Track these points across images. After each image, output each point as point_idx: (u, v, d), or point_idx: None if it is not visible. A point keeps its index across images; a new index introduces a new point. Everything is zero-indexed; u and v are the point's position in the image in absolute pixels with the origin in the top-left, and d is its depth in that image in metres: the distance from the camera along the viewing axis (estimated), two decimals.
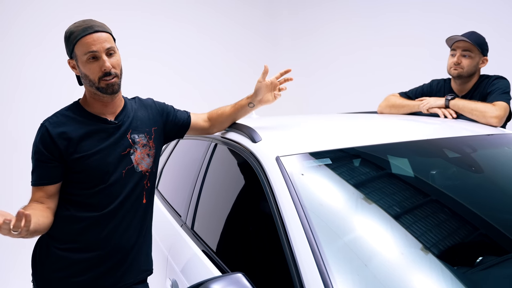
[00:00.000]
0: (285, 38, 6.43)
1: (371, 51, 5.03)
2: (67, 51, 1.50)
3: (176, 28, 5.29)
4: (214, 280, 1.12)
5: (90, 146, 1.48)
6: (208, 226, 1.75)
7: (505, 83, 2.17)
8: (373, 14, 4.98)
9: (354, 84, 5.22)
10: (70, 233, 1.48)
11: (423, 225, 1.30)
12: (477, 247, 1.33)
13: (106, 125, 1.53)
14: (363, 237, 1.22)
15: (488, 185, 1.64)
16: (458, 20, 3.90)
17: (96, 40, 1.44)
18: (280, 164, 1.36)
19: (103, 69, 1.45)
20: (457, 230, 1.37)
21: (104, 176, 1.49)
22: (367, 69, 5.05)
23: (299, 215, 1.17)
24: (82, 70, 1.48)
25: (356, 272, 1.07)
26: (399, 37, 4.64)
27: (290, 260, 1.10)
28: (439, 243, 1.26)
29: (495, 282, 1.20)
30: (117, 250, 1.54)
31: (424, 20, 4.37)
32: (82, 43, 1.44)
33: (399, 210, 1.32)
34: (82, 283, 1.48)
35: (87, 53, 1.44)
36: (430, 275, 1.14)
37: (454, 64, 2.28)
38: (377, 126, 1.94)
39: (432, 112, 2.23)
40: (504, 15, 3.53)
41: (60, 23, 4.75)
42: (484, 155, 1.78)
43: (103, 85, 1.47)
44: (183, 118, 1.76)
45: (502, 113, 2.01)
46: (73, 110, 1.52)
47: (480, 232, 1.40)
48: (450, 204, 1.45)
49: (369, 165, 1.51)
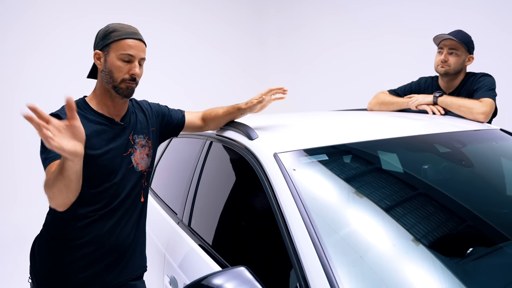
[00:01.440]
0: (272, 37, 6.46)
1: (357, 47, 5.11)
2: (99, 43, 1.53)
3: (162, 27, 5.28)
4: (217, 274, 1.15)
5: (99, 145, 1.50)
6: (206, 222, 1.78)
7: (490, 81, 2.24)
8: (360, 7, 5.02)
9: (340, 79, 5.29)
10: (71, 230, 1.49)
11: (416, 217, 1.35)
12: (467, 239, 1.38)
13: (113, 126, 1.56)
14: (360, 228, 1.26)
15: (477, 179, 1.70)
16: (446, 14, 3.97)
17: (137, 46, 1.52)
18: (278, 160, 1.39)
19: (131, 73, 1.51)
20: (447, 222, 1.42)
21: (109, 176, 1.52)
22: (353, 64, 5.13)
23: (299, 209, 1.21)
24: (108, 65, 1.51)
25: (355, 263, 1.11)
26: (386, 33, 4.71)
27: (292, 253, 1.13)
28: (432, 234, 1.31)
29: (485, 271, 1.26)
30: (116, 247, 1.57)
31: (411, 15, 4.44)
32: (124, 43, 1.50)
33: (394, 203, 1.37)
34: (82, 279, 1.49)
35: (124, 54, 1.50)
36: (424, 265, 1.19)
37: (441, 62, 2.34)
38: (371, 122, 1.99)
39: (420, 108, 2.29)
40: (497, 10, 3.61)
41: (49, 25, 4.75)
42: (472, 150, 1.84)
43: (123, 86, 1.52)
44: (177, 118, 1.80)
45: (489, 109, 2.08)
46: (80, 107, 1.53)
47: (470, 224, 1.46)
48: (442, 198, 1.51)
49: (364, 160, 1.56)
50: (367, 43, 4.89)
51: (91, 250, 1.52)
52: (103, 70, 1.53)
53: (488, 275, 1.25)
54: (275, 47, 6.38)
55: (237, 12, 6.27)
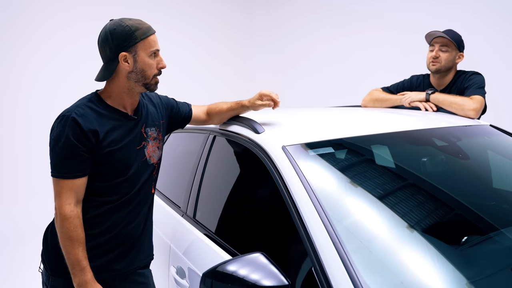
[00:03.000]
0: (259, 35, 6.48)
1: (341, 45, 5.19)
2: (122, 44, 1.49)
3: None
4: (232, 261, 1.20)
5: (115, 140, 1.52)
6: (213, 213, 1.83)
7: (480, 79, 2.34)
8: (345, 5, 5.11)
9: (325, 77, 5.38)
10: (86, 221, 1.52)
11: (413, 207, 1.43)
12: (463, 228, 1.47)
13: (128, 120, 1.58)
14: (367, 215, 1.34)
15: (471, 172, 1.79)
16: (432, 8, 4.08)
17: (156, 40, 1.56)
18: (287, 152, 1.45)
19: (160, 66, 1.56)
20: (439, 210, 1.51)
21: (125, 170, 1.55)
22: (337, 62, 5.21)
23: (310, 198, 1.27)
24: (140, 65, 1.51)
25: (366, 246, 1.18)
26: (371, 30, 4.81)
27: (305, 238, 1.19)
28: (428, 219, 1.40)
29: (481, 256, 1.34)
30: (129, 237, 1.61)
31: (397, 12, 4.55)
32: (149, 41, 1.52)
33: (395, 191, 1.45)
34: (95, 268, 1.53)
35: (153, 50, 1.53)
36: (426, 248, 1.27)
37: (432, 58, 2.43)
38: (372, 117, 2.08)
39: (413, 105, 2.38)
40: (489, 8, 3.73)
41: (43, 26, 4.74)
42: (465, 144, 1.94)
43: (154, 82, 1.56)
44: (185, 111, 1.83)
45: (479, 106, 2.18)
46: (94, 103, 1.53)
47: (464, 215, 1.55)
48: (439, 186, 1.60)
49: (369, 153, 1.63)
50: (352, 41, 4.99)
51: (106, 239, 1.56)
52: (132, 71, 1.52)
53: (484, 259, 1.34)
54: (262, 45, 6.43)
55: (224, 10, 6.28)
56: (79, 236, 1.46)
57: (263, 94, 1.78)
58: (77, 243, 1.45)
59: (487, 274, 1.25)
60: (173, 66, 5.55)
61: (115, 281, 1.62)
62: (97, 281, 1.55)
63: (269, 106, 1.79)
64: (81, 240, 1.46)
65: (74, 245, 1.45)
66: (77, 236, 1.45)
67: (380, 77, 2.88)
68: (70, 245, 1.45)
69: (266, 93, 1.77)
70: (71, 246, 1.45)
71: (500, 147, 1.97)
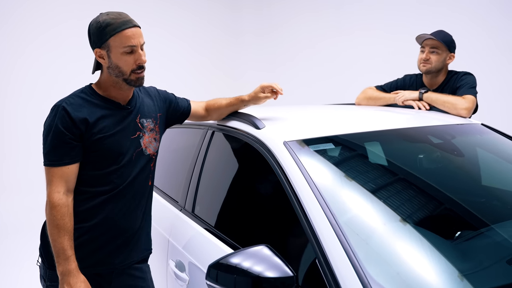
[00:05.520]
0: (248, 34, 6.45)
1: (331, 44, 5.23)
2: (97, 40, 1.51)
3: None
4: (236, 253, 1.22)
5: (106, 128, 1.53)
6: (213, 208, 1.85)
7: (472, 79, 2.41)
8: (336, 5, 5.14)
9: (315, 77, 5.41)
10: (80, 212, 1.53)
11: (410, 200, 1.48)
12: (458, 223, 1.52)
13: (120, 109, 1.60)
14: (368, 207, 1.39)
15: (464, 169, 1.85)
16: (418, 9, 4.15)
17: (135, 34, 1.50)
18: (288, 148, 1.49)
19: (138, 62, 1.52)
20: (430, 204, 1.56)
21: (117, 158, 1.56)
22: (327, 62, 5.24)
23: (312, 191, 1.31)
24: (114, 61, 1.51)
25: (369, 238, 1.22)
26: (363, 30, 4.87)
27: (308, 230, 1.23)
28: (423, 212, 1.45)
29: (477, 250, 1.39)
30: (125, 230, 1.62)
31: (389, 13, 4.60)
32: (122, 36, 1.48)
33: (394, 184, 1.50)
34: (92, 261, 1.54)
35: (126, 46, 1.49)
36: (422, 242, 1.31)
37: (423, 60, 2.48)
38: (368, 115, 2.12)
39: (407, 104, 2.43)
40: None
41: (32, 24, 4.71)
42: (458, 142, 2.00)
43: (133, 78, 1.54)
44: (184, 106, 1.85)
45: (471, 105, 2.24)
46: (86, 93, 1.56)
47: (457, 210, 1.60)
48: (432, 181, 1.65)
49: (368, 149, 1.67)
50: (343, 41, 5.04)
51: (101, 232, 1.57)
52: (109, 67, 1.53)
53: (478, 253, 1.39)
54: (250, 44, 6.41)
55: (212, 8, 6.24)
56: (66, 225, 1.47)
57: (265, 86, 1.80)
58: (63, 231, 1.46)
59: (481, 267, 1.30)
60: (159, 64, 5.51)
61: (112, 274, 1.63)
62: (94, 274, 1.56)
63: (271, 98, 1.81)
64: (67, 229, 1.47)
65: (60, 233, 1.46)
66: (64, 225, 1.46)
67: (371, 78, 2.93)
68: (56, 233, 1.46)
69: (268, 85, 1.80)
70: (57, 234, 1.46)
71: (491, 145, 2.03)
